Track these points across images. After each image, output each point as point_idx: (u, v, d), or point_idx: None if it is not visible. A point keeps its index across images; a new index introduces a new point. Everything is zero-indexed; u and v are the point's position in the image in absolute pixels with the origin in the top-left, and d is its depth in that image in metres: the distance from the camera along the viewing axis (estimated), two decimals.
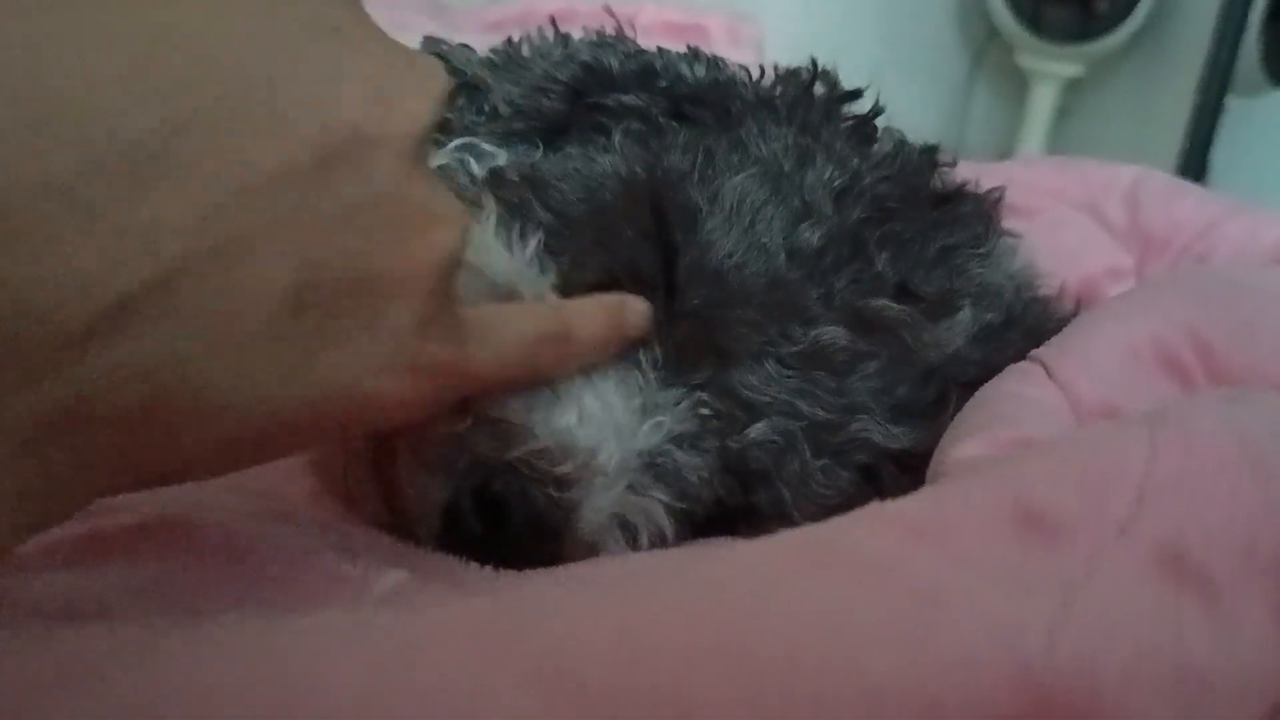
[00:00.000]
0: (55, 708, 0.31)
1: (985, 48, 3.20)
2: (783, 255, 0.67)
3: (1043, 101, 3.07)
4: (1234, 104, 2.74)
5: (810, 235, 0.68)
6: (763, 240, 0.68)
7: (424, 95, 0.47)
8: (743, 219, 0.68)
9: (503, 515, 0.60)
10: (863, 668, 0.35)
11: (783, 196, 0.69)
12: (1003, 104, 3.24)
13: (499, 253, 0.67)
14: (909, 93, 3.29)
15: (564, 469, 0.60)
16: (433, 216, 0.47)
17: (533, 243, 0.68)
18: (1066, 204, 1.05)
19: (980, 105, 3.27)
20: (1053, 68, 3.03)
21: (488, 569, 0.59)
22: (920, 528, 0.42)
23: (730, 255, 0.67)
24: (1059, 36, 2.99)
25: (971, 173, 0.84)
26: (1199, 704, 0.38)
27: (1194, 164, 2.77)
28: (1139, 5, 2.93)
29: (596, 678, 0.33)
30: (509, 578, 0.58)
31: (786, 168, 0.71)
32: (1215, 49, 2.71)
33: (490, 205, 0.70)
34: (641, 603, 0.37)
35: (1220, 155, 2.74)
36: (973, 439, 0.61)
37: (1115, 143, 3.08)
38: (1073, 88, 3.09)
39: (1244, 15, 2.69)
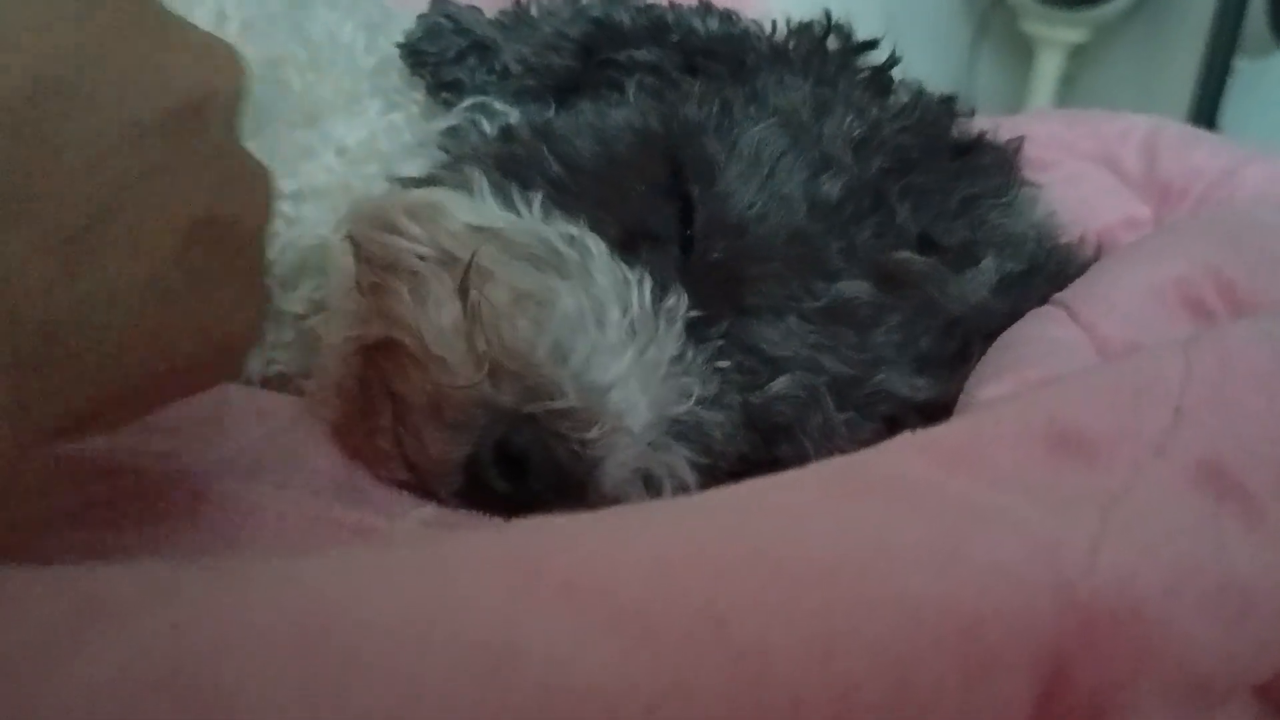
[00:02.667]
0: (82, 641, 0.31)
1: (990, 15, 3.18)
2: (804, 206, 0.67)
3: (1048, 68, 3.05)
4: (1241, 66, 2.72)
5: (831, 187, 0.67)
6: (783, 191, 0.67)
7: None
8: (762, 169, 0.67)
9: (525, 470, 0.59)
10: (901, 581, 0.34)
11: (802, 147, 0.68)
12: (1008, 71, 3.22)
13: (507, 216, 0.66)
14: (913, 61, 3.25)
15: (591, 433, 0.59)
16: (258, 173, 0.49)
17: (536, 200, 0.67)
18: (1080, 157, 1.04)
19: (985, 73, 3.25)
20: (1058, 34, 3.02)
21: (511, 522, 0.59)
22: (954, 452, 0.41)
23: (751, 206, 0.66)
24: (1063, 2, 2.97)
25: (985, 127, 0.83)
26: (1243, 618, 0.37)
27: (1202, 126, 2.75)
28: None
29: (628, 592, 0.32)
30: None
31: (805, 118, 0.70)
32: (1221, 11, 2.69)
33: (478, 178, 0.69)
34: (674, 524, 0.37)
35: (1228, 118, 2.73)
36: (999, 380, 0.60)
37: (1122, 107, 3.05)
38: (1078, 54, 3.08)
39: None
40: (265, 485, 0.59)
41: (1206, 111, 2.75)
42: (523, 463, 0.59)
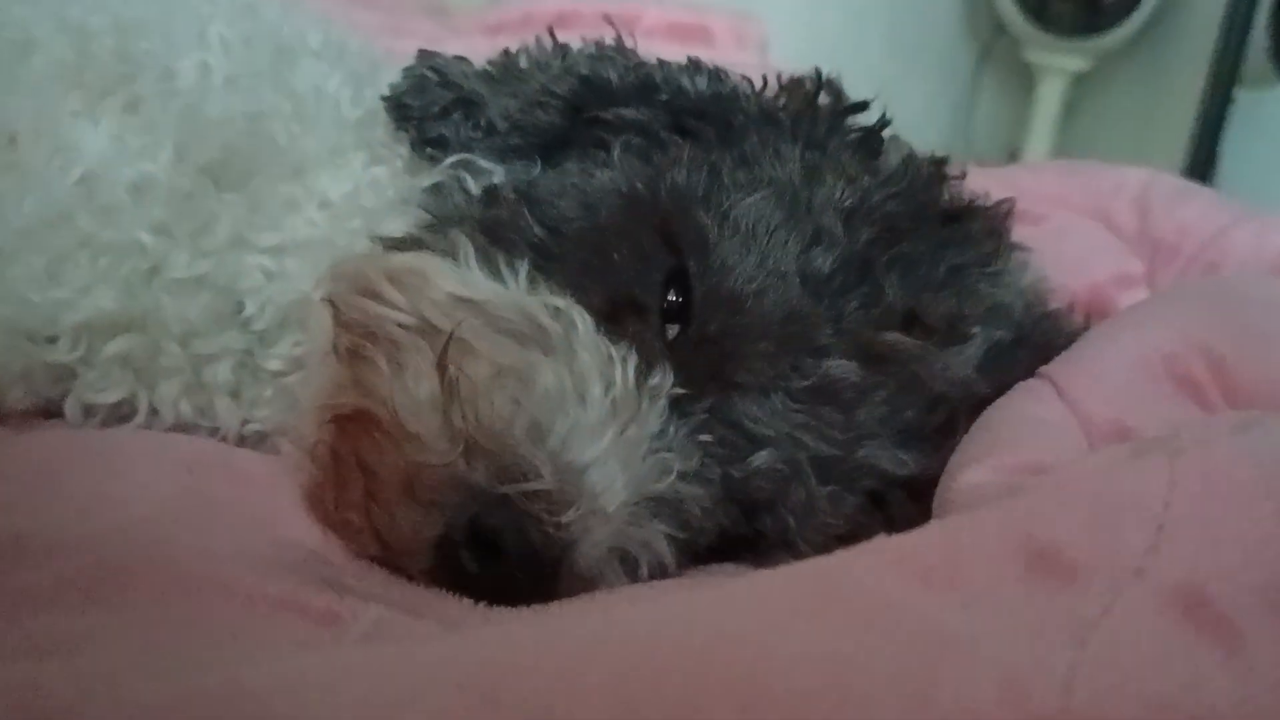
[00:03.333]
0: None
1: (991, 43, 3.18)
2: (797, 282, 0.66)
3: (1050, 97, 3.05)
4: (1242, 97, 2.72)
5: (822, 261, 0.67)
6: (779, 267, 0.66)
7: None
8: (758, 242, 0.67)
9: (497, 551, 0.58)
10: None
11: (795, 220, 0.68)
12: (1009, 100, 3.22)
13: (493, 287, 0.65)
14: (915, 89, 3.29)
15: (566, 516, 0.58)
16: None
17: (523, 269, 0.66)
18: (1073, 210, 1.03)
19: (987, 101, 3.25)
20: (1059, 62, 3.02)
21: (480, 606, 0.58)
22: (928, 566, 0.40)
23: (750, 281, 0.65)
24: (1065, 31, 2.97)
25: (978, 181, 0.82)
26: None
27: (1202, 157, 2.75)
28: None
29: None
30: (501, 615, 0.56)
31: (797, 188, 0.69)
32: (1222, 42, 2.69)
33: (464, 244, 0.68)
34: (641, 645, 0.36)
35: (1229, 148, 2.72)
36: (979, 465, 0.59)
37: (1123, 137, 3.06)
38: (1079, 82, 3.08)
39: (1251, 7, 2.67)
40: (239, 566, 0.57)
41: (1207, 141, 2.74)
42: (496, 544, 0.58)
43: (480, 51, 1.83)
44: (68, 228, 0.76)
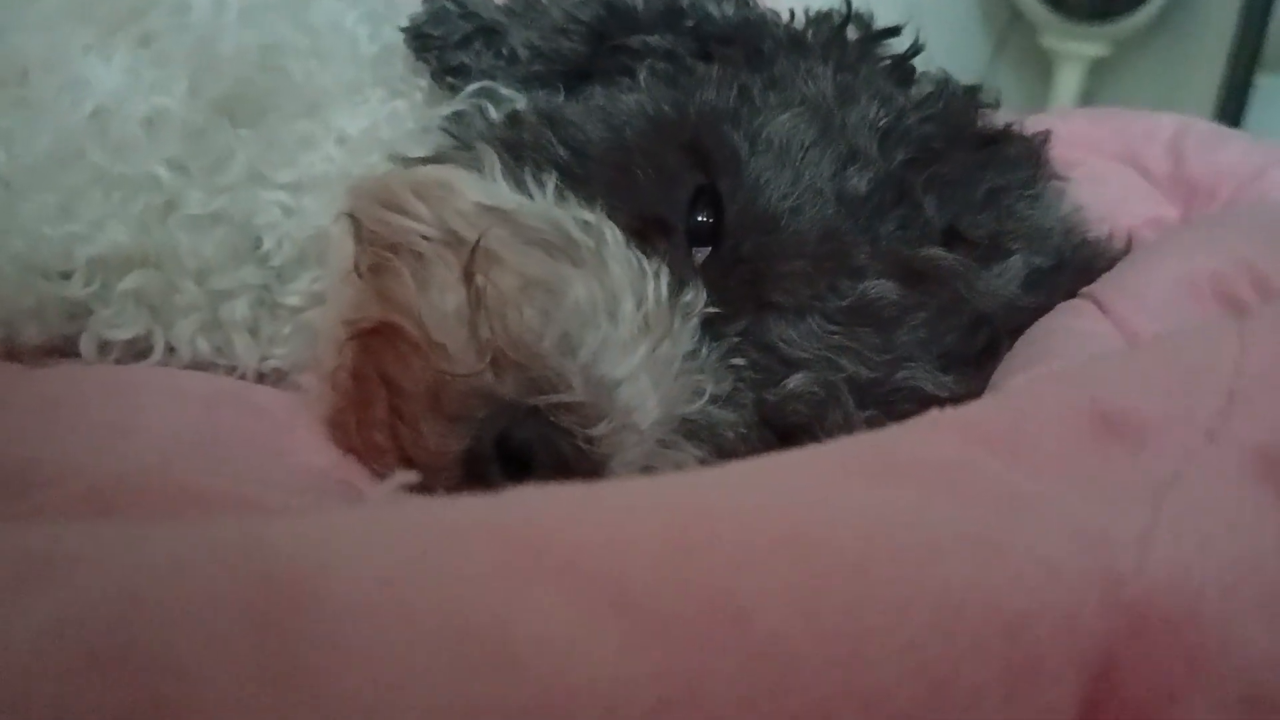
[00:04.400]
0: (22, 600, 0.28)
1: (1008, 30, 3.15)
2: (833, 201, 0.64)
3: (1068, 83, 3.02)
4: (1262, 81, 2.69)
5: (858, 180, 0.65)
6: (814, 185, 0.64)
7: None
8: (791, 160, 0.65)
9: (526, 465, 0.56)
10: (939, 574, 0.31)
11: (829, 138, 0.66)
12: (1027, 87, 3.19)
13: (520, 198, 0.63)
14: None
15: (598, 429, 0.56)
16: None
17: (550, 183, 0.64)
18: (1104, 156, 1.01)
19: (1004, 87, 3.17)
20: (1077, 48, 2.98)
21: None
22: (989, 433, 0.38)
23: (785, 198, 0.63)
24: (1083, 16, 2.94)
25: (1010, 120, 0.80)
26: None
27: None
28: None
29: (639, 578, 0.29)
30: None
31: (830, 106, 0.67)
32: (1242, 25, 2.66)
33: (489, 157, 0.66)
34: (689, 502, 0.33)
35: (1248, 133, 2.70)
36: (1024, 374, 0.57)
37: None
38: (1097, 69, 3.04)
39: None
40: (258, 486, 0.55)
41: (1227, 126, 2.72)
42: (525, 458, 0.56)
43: None
44: (80, 163, 0.75)
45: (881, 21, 0.81)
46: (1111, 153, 1.02)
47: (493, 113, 0.75)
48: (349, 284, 0.65)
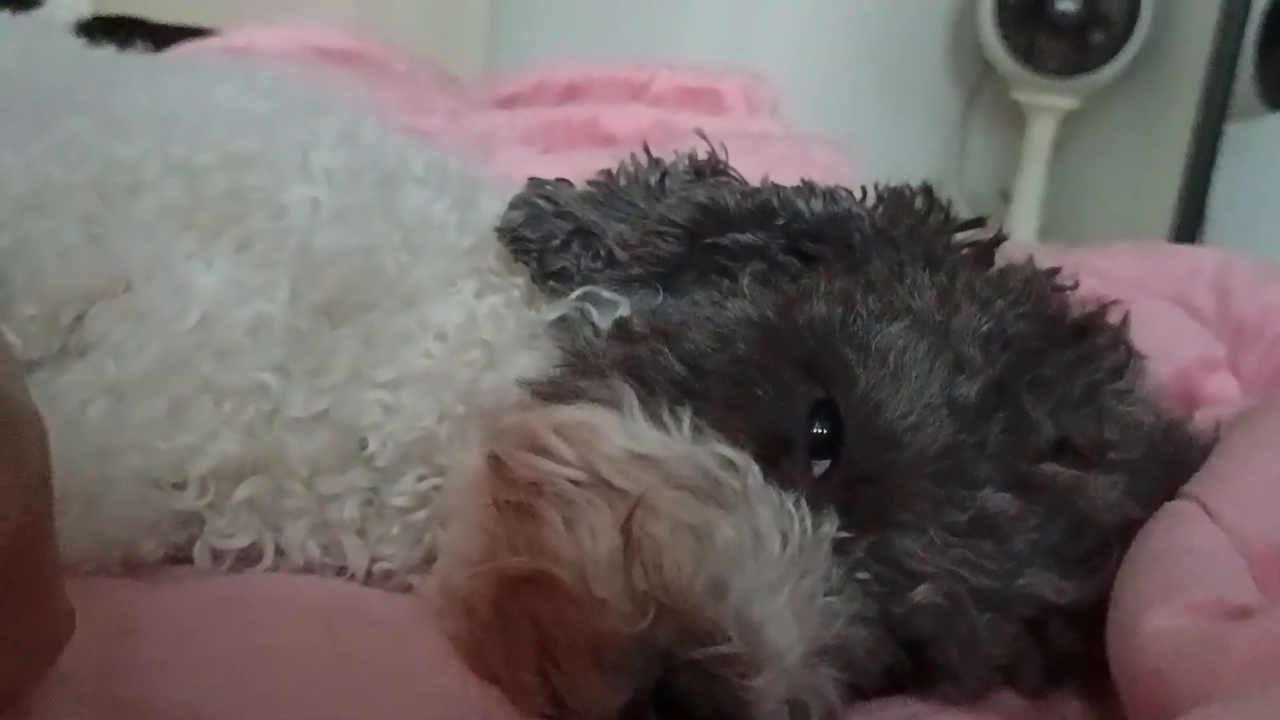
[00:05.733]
0: None
1: (980, 84, 3.21)
2: (945, 414, 0.66)
3: (1040, 136, 3.08)
4: (1232, 129, 2.76)
5: (968, 389, 0.67)
6: (929, 400, 0.66)
7: None
8: (907, 375, 0.67)
9: (684, 713, 0.58)
10: None
11: (938, 349, 0.68)
12: (1000, 140, 3.25)
13: (663, 440, 0.65)
14: (906, 131, 3.32)
15: (758, 681, 0.58)
16: None
17: (686, 417, 0.66)
18: (1152, 294, 1.04)
19: (977, 142, 3.28)
20: (1049, 101, 3.05)
21: None
22: None
23: (905, 416, 0.65)
24: (1054, 70, 3.00)
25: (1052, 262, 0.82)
26: None
27: (1195, 190, 2.79)
28: (1133, 37, 2.95)
29: None
30: None
31: (935, 315, 0.70)
32: (1211, 75, 2.73)
33: (626, 394, 0.68)
34: None
35: (1220, 181, 2.76)
36: (1163, 607, 0.59)
37: (1115, 173, 3.10)
38: (1070, 120, 3.11)
39: (1238, 42, 2.71)
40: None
41: (1199, 175, 2.78)
42: (683, 707, 0.58)
43: (503, 127, 1.83)
44: (189, 371, 0.76)
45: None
46: (1159, 291, 1.05)
47: (596, 317, 0.77)
48: (486, 516, 0.67)
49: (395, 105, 1.76)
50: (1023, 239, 1.98)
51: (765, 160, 1.01)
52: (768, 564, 0.61)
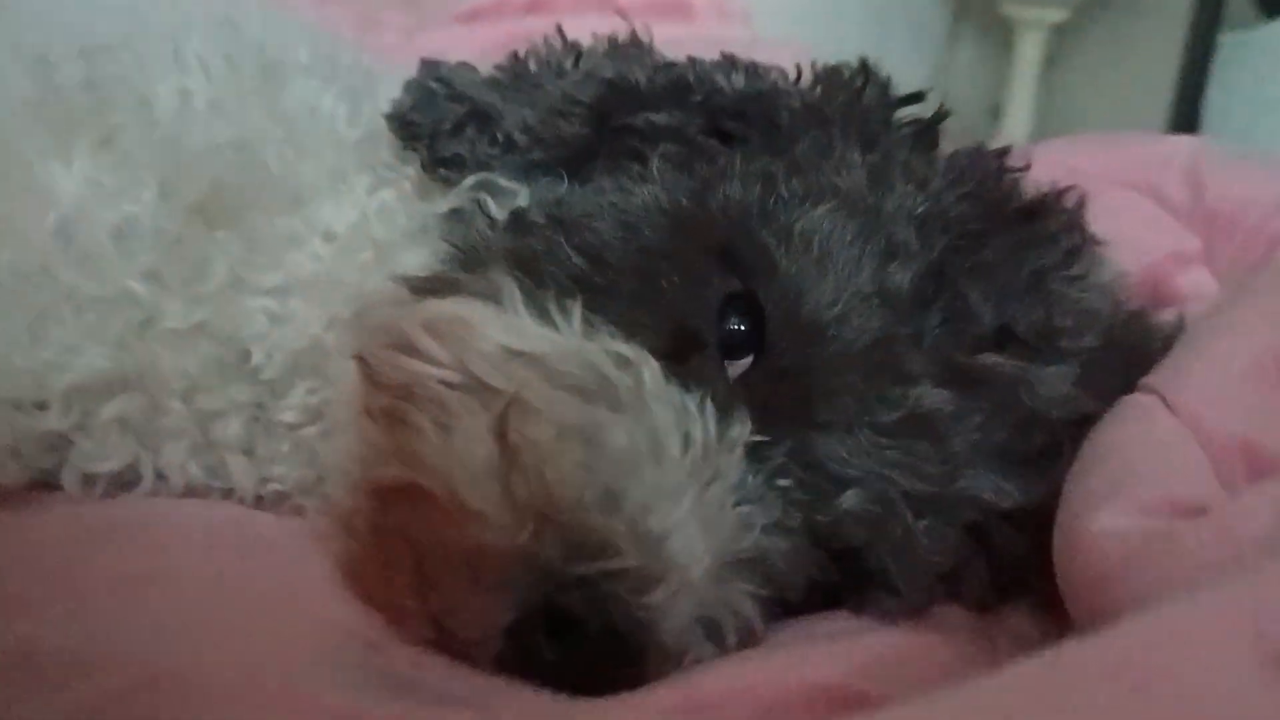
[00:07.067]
0: None
1: None
2: (877, 304, 0.59)
3: (1029, 50, 2.98)
4: (1225, 39, 2.66)
5: (900, 276, 0.60)
6: (859, 288, 0.59)
7: None
8: (834, 261, 0.60)
9: (576, 635, 0.51)
10: None
11: (868, 233, 0.61)
12: (988, 54, 3.15)
13: (548, 335, 0.58)
14: (893, 49, 3.19)
15: (655, 596, 0.51)
16: None
17: (575, 310, 0.59)
18: (1121, 185, 0.97)
19: (965, 57, 3.18)
20: (1037, 14, 2.94)
21: (561, 698, 0.51)
22: (1142, 678, 0.33)
23: (830, 306, 0.59)
24: None
25: (1019, 157, 0.75)
26: None
27: (1188, 103, 2.70)
28: None
29: None
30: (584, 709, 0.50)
31: (865, 196, 0.63)
32: None
33: (508, 286, 0.61)
34: None
35: (1213, 92, 2.67)
36: (1111, 505, 0.53)
37: (1106, 87, 3.00)
38: (1059, 34, 3.00)
39: None
40: (285, 670, 0.50)
41: (1192, 87, 2.69)
42: (574, 627, 0.51)
43: (461, 44, 1.75)
44: (48, 282, 0.69)
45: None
46: (1128, 181, 0.97)
47: (493, 208, 0.70)
48: (361, 427, 0.60)
49: (344, 21, 1.68)
50: None
51: None
52: (667, 469, 0.54)
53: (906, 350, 0.59)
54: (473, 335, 0.57)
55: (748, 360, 0.60)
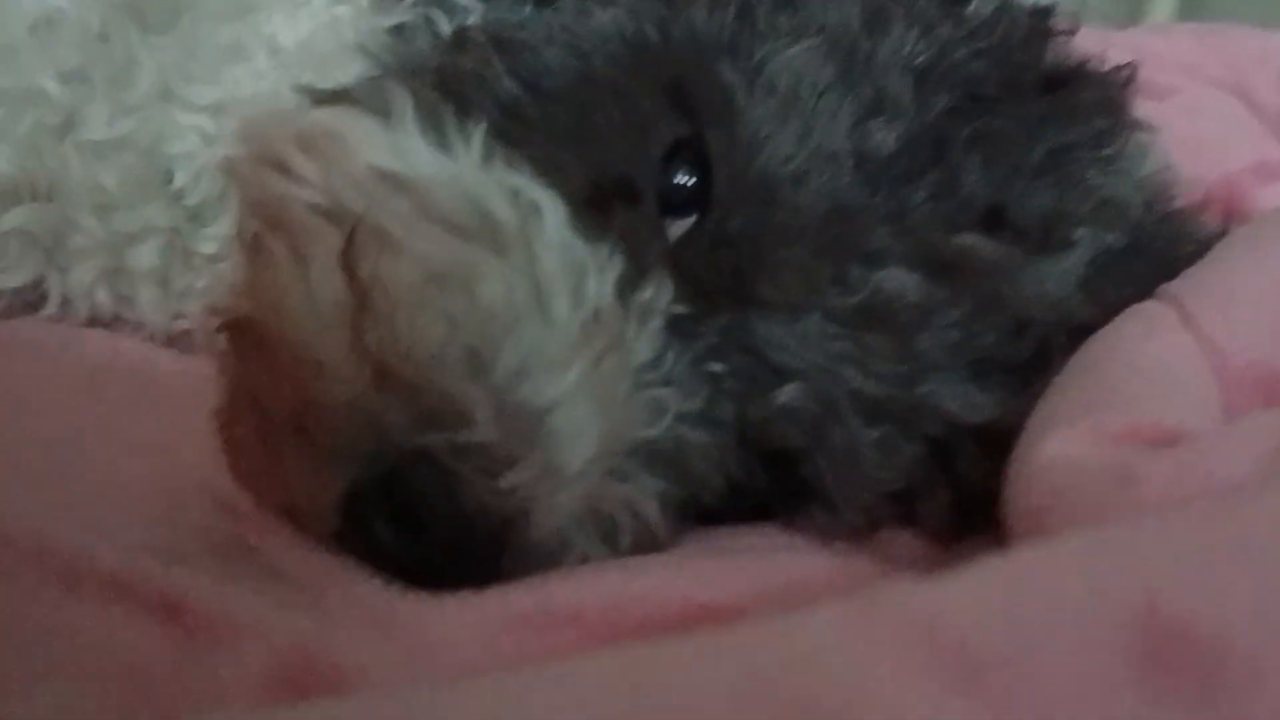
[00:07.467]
0: None
1: None
2: (849, 164, 0.50)
3: None
4: None
5: (884, 136, 0.51)
6: (827, 144, 0.50)
7: None
8: (802, 109, 0.50)
9: (419, 517, 0.44)
10: None
11: (850, 79, 0.51)
12: None
13: (433, 158, 0.50)
14: None
15: (509, 479, 0.44)
16: None
17: (478, 135, 0.50)
18: (1207, 82, 0.85)
19: None
20: None
21: (394, 589, 0.43)
22: (978, 663, 0.24)
23: (787, 161, 0.50)
24: None
25: (1091, 43, 0.65)
26: None
27: None
28: None
29: None
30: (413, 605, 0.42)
31: (856, 37, 0.53)
32: None
33: (401, 99, 0.52)
34: None
35: None
36: (1073, 427, 0.43)
37: (1255, 9, 2.78)
38: None
39: None
40: (78, 526, 0.44)
41: None
42: (417, 508, 0.44)
43: None
44: None
45: None
46: (1214, 78, 0.85)
47: (444, 26, 0.61)
48: (233, 252, 0.53)
49: None
50: None
51: None
52: (552, 331, 0.46)
53: (875, 225, 0.50)
54: (344, 154, 0.49)
55: (691, 222, 0.52)
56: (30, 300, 0.66)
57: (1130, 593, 0.24)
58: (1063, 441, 0.42)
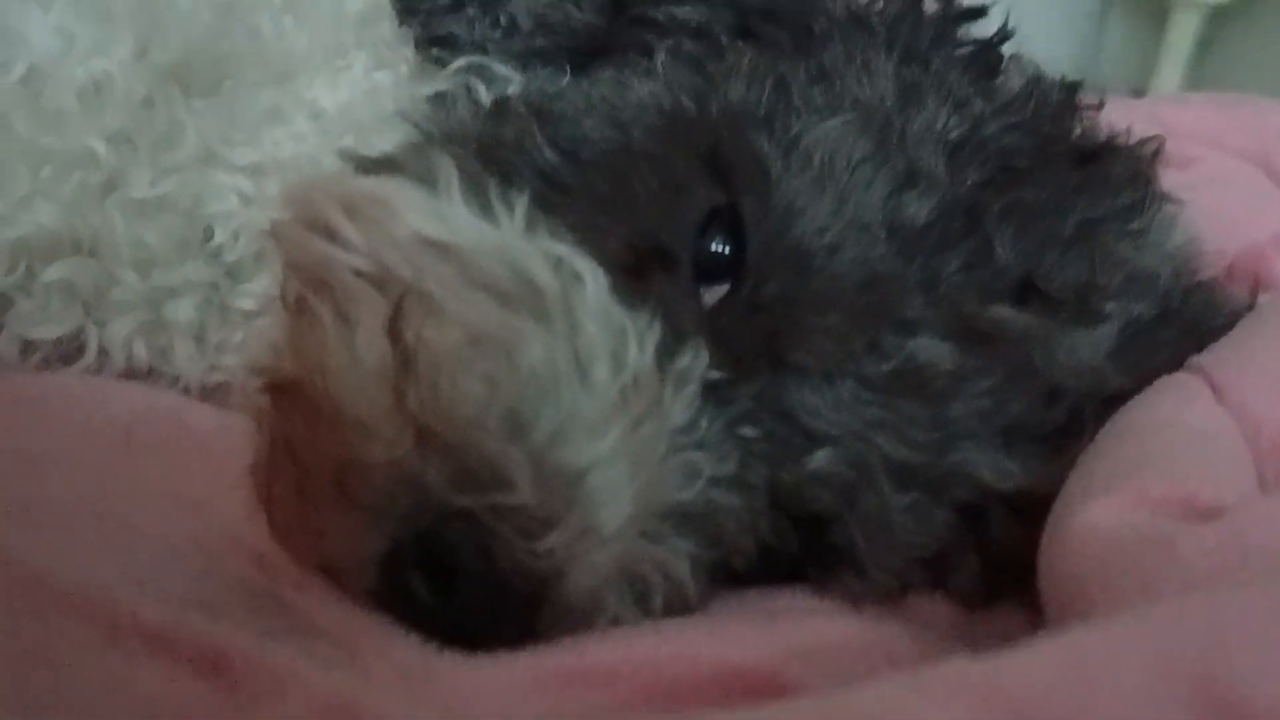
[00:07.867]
0: None
1: None
2: (883, 235, 0.51)
3: (1183, 31, 2.79)
4: None
5: (918, 207, 0.52)
6: (861, 215, 0.51)
7: None
8: (837, 181, 0.51)
9: (456, 577, 0.44)
10: None
11: (884, 153, 0.52)
12: (1139, 34, 2.97)
13: (476, 226, 0.51)
14: (1038, 21, 3.02)
15: (547, 542, 0.44)
16: None
17: (520, 203, 0.51)
18: (1229, 153, 0.86)
19: (1115, 35, 3.00)
20: None
21: (430, 647, 0.44)
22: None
23: (822, 232, 0.50)
24: None
25: (1116, 114, 0.66)
26: None
27: None
28: None
29: None
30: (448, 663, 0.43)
31: (889, 113, 0.54)
32: None
33: (446, 168, 0.53)
34: None
35: None
36: (1112, 495, 0.44)
37: (1265, 78, 2.80)
38: (1217, 17, 2.81)
39: None
40: (126, 576, 0.44)
41: None
42: (455, 567, 0.44)
43: None
44: (5, 132, 0.64)
45: None
46: (1238, 149, 0.86)
47: (483, 95, 0.63)
48: (276, 313, 0.53)
49: None
50: None
51: None
52: (590, 396, 0.46)
53: (909, 294, 0.51)
54: (390, 219, 0.50)
55: (726, 288, 0.52)
56: (66, 353, 0.66)
57: (1188, 669, 0.25)
58: (1102, 510, 0.43)
